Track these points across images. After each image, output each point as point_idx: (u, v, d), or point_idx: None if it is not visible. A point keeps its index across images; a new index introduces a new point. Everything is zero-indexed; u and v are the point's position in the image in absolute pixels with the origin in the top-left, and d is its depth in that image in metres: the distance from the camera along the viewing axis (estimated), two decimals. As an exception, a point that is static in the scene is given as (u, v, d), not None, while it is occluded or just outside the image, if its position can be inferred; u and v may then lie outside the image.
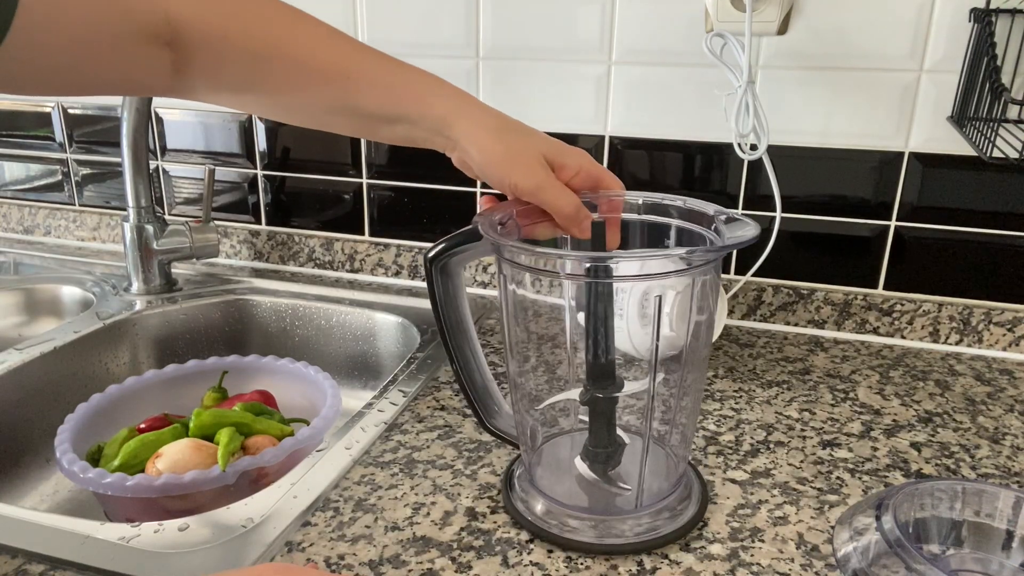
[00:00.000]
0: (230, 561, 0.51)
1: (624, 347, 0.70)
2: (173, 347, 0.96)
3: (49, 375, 0.82)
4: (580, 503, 0.56)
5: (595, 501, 0.57)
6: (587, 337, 0.53)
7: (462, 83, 0.95)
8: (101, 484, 0.63)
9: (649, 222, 0.58)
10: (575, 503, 0.56)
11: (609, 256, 0.51)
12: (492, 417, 0.61)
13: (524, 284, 0.55)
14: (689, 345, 0.54)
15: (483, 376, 0.60)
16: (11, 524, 0.54)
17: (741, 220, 0.52)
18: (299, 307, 0.98)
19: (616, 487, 0.56)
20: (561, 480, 0.58)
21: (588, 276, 0.51)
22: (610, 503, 0.56)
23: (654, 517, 0.54)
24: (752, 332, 0.91)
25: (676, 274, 0.50)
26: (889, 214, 0.87)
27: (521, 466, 0.60)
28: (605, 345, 0.53)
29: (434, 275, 0.56)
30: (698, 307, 0.53)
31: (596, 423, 0.56)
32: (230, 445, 0.67)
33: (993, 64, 0.68)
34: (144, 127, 0.93)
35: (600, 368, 0.53)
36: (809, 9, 0.82)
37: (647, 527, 0.54)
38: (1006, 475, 0.63)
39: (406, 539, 0.53)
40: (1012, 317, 0.86)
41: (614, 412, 0.55)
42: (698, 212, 0.55)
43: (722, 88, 0.84)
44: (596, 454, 0.56)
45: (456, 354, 0.58)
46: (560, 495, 0.56)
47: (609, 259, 0.50)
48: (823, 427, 0.69)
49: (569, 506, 0.55)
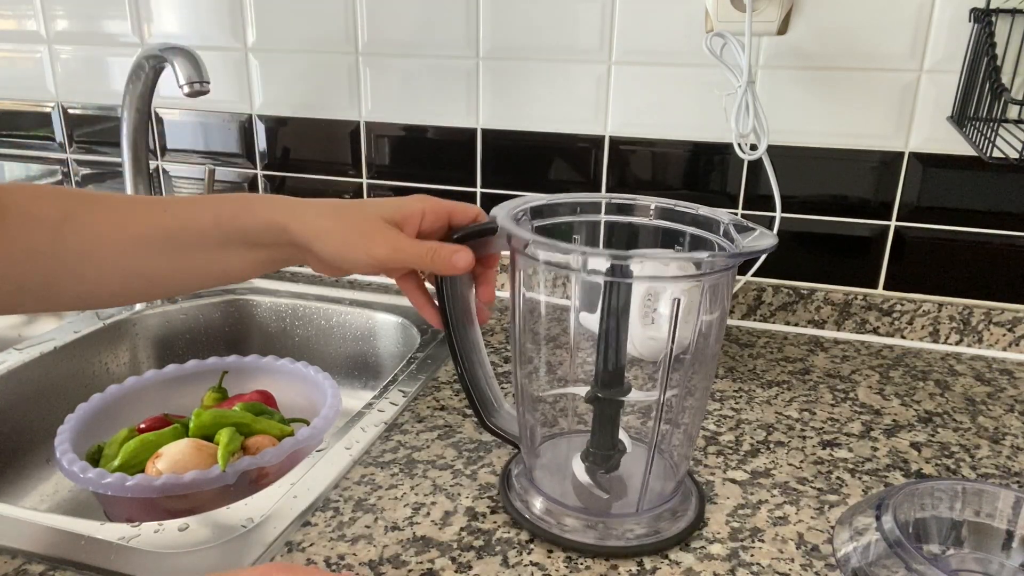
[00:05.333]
0: (230, 561, 0.51)
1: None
2: (173, 347, 0.96)
3: (49, 375, 0.82)
4: (577, 503, 0.56)
5: (593, 503, 0.56)
6: (599, 341, 0.52)
7: (462, 83, 0.96)
8: (101, 484, 0.63)
9: (663, 228, 0.57)
10: (573, 503, 0.56)
11: (629, 256, 0.50)
12: (492, 415, 0.60)
13: (538, 281, 0.54)
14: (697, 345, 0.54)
15: (485, 373, 0.60)
16: (11, 524, 0.54)
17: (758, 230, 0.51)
18: (299, 307, 0.98)
19: (602, 490, 0.56)
20: (559, 480, 0.58)
21: (606, 275, 0.50)
22: (605, 505, 0.56)
23: (653, 521, 0.54)
24: (752, 332, 0.91)
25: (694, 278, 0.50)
26: (889, 214, 0.87)
27: (520, 464, 0.60)
28: (616, 349, 0.52)
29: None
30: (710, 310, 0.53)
31: (599, 425, 0.55)
32: (230, 445, 0.67)
33: (993, 64, 0.68)
34: (144, 127, 0.93)
35: (609, 375, 0.53)
36: (809, 9, 0.82)
37: (646, 531, 0.54)
38: (1006, 475, 0.63)
39: (406, 539, 0.53)
40: (1012, 317, 0.86)
41: (618, 415, 0.55)
42: (712, 220, 0.55)
43: (722, 88, 0.84)
44: (596, 456, 0.56)
45: (460, 350, 0.58)
46: (558, 495, 0.56)
47: (629, 258, 0.49)
48: (823, 427, 0.69)
49: (567, 506, 0.55)
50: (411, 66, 0.97)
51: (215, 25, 1.03)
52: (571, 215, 0.58)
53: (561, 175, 0.96)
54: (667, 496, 0.56)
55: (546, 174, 0.97)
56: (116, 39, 1.08)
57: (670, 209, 0.57)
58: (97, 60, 1.10)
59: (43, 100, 1.16)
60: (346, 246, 0.51)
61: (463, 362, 0.59)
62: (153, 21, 1.06)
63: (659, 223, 0.57)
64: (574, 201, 0.58)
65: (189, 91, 0.82)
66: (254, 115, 1.06)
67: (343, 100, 1.01)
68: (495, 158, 0.98)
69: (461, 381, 0.59)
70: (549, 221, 0.57)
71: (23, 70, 1.14)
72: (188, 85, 0.81)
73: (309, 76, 1.02)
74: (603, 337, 0.52)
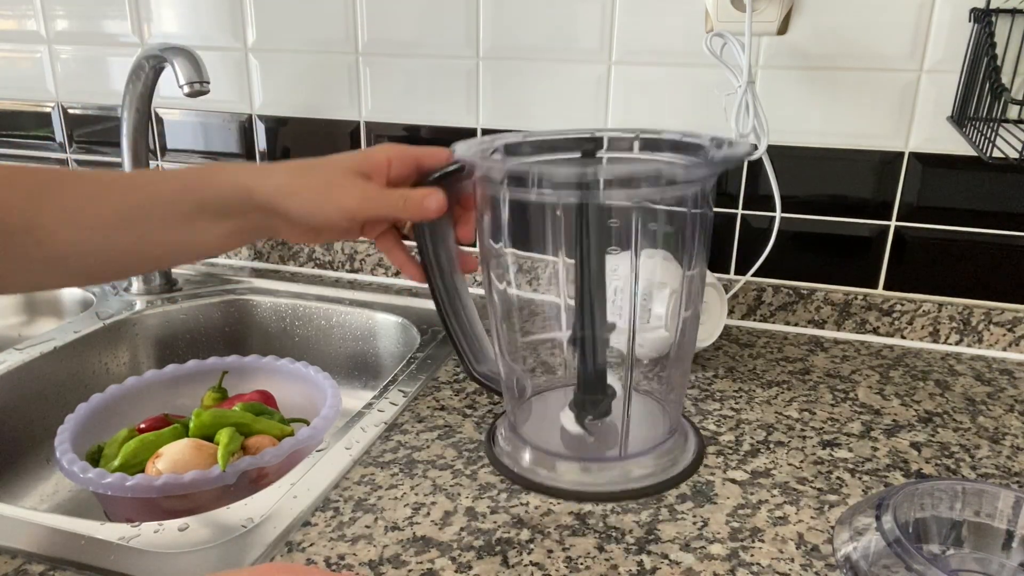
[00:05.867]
0: (230, 561, 0.51)
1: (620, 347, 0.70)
2: (173, 347, 0.96)
3: (49, 375, 0.82)
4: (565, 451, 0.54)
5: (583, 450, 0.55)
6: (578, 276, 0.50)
7: (462, 83, 0.96)
8: (101, 484, 0.63)
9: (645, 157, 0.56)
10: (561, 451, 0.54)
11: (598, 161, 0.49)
12: (480, 363, 0.59)
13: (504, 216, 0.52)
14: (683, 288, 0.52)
15: (470, 320, 0.58)
16: (11, 524, 0.54)
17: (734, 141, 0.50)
18: (299, 307, 0.98)
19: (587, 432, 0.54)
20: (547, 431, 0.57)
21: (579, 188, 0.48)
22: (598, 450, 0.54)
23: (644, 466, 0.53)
24: (752, 332, 0.91)
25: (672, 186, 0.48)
26: (889, 214, 0.87)
27: (505, 420, 0.59)
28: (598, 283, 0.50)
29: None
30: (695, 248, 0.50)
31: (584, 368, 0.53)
32: (230, 445, 0.67)
33: (993, 64, 0.68)
34: (144, 127, 0.93)
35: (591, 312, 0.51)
36: (809, 9, 0.82)
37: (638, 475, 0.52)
38: (1006, 475, 0.63)
39: (406, 539, 0.53)
40: (1012, 317, 0.86)
41: (604, 356, 0.53)
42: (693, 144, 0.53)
43: (722, 88, 0.84)
44: (584, 402, 0.54)
45: (443, 297, 0.57)
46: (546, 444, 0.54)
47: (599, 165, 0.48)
48: (823, 427, 0.69)
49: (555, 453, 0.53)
50: (411, 66, 0.97)
51: (215, 25, 1.03)
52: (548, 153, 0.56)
53: (561, 175, 0.96)
54: (660, 439, 0.54)
55: (546, 174, 0.97)
56: (116, 39, 1.08)
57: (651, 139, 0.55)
58: (97, 60, 1.10)
59: (43, 100, 1.16)
60: (314, 202, 0.50)
61: (447, 308, 0.57)
62: (153, 21, 1.06)
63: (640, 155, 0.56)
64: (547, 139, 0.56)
65: (189, 91, 0.82)
66: (254, 115, 1.06)
67: (343, 100, 1.01)
68: (495, 158, 0.98)
69: (445, 329, 0.58)
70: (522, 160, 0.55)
71: (23, 70, 1.14)
72: (188, 85, 0.82)
73: (309, 76, 1.02)
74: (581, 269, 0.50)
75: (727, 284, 0.92)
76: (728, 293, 0.91)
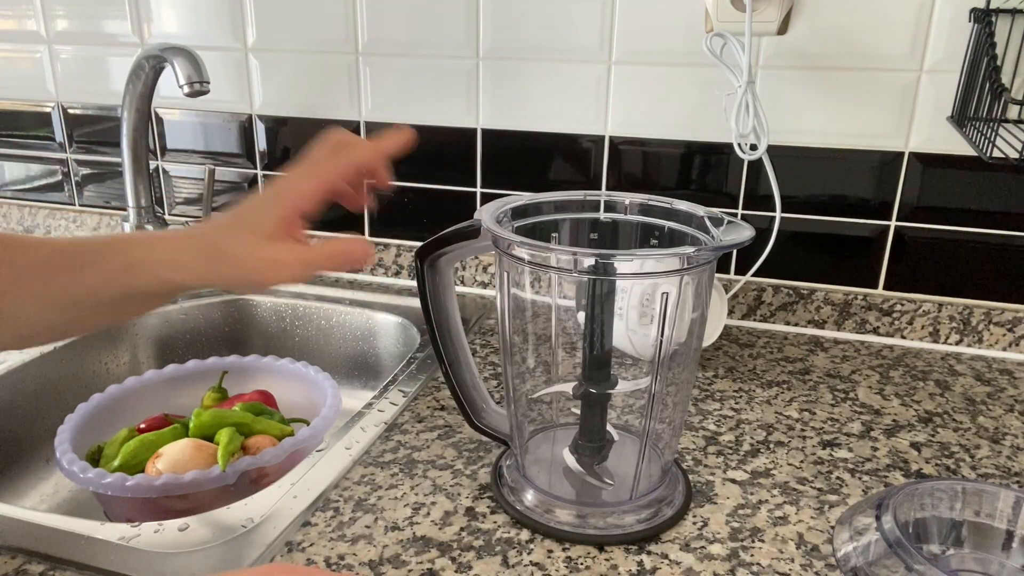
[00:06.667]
0: (230, 561, 0.51)
1: (623, 346, 0.70)
2: (173, 347, 0.96)
3: (49, 375, 0.82)
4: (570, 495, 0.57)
5: (587, 493, 0.58)
6: (585, 328, 0.53)
7: (462, 83, 0.96)
8: (101, 484, 0.63)
9: (642, 223, 0.59)
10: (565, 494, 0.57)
11: (612, 254, 0.51)
12: (480, 415, 0.62)
13: (523, 280, 0.55)
14: (684, 342, 0.55)
15: (471, 374, 0.61)
16: (11, 524, 0.54)
17: (736, 223, 0.53)
18: (299, 307, 0.98)
19: (602, 481, 0.57)
20: (549, 473, 0.60)
21: (591, 273, 0.51)
22: (596, 495, 0.57)
23: (640, 510, 0.55)
24: (752, 332, 0.91)
25: (677, 273, 0.51)
26: (889, 214, 0.87)
27: (510, 458, 0.61)
28: (601, 338, 0.53)
29: (424, 271, 0.57)
30: (693, 305, 0.54)
31: (588, 417, 0.56)
32: (230, 445, 0.67)
33: (993, 64, 0.68)
34: (144, 127, 0.93)
35: (596, 360, 0.54)
36: (809, 9, 0.82)
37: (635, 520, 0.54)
38: (1006, 475, 0.63)
39: (406, 539, 0.53)
40: (1012, 317, 0.86)
41: (606, 408, 0.56)
42: (689, 214, 0.56)
43: (722, 88, 0.84)
44: (585, 448, 0.57)
45: (446, 354, 0.59)
46: (549, 487, 0.57)
47: (612, 257, 0.51)
48: (823, 427, 0.69)
49: (560, 498, 0.56)
50: (411, 66, 0.97)
51: (215, 25, 1.03)
52: (554, 213, 0.59)
53: (561, 175, 0.96)
54: (655, 484, 0.57)
55: (546, 174, 0.97)
56: (116, 39, 1.08)
57: (647, 205, 0.58)
58: (97, 60, 1.10)
59: (43, 100, 1.16)
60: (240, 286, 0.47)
61: (449, 365, 0.60)
62: (153, 21, 1.06)
63: (638, 218, 0.59)
64: (554, 200, 0.59)
65: (189, 91, 0.82)
66: (254, 115, 1.06)
67: (343, 100, 1.01)
68: (495, 158, 0.98)
69: (448, 384, 0.61)
70: (532, 220, 0.58)
71: (23, 70, 1.14)
72: (188, 85, 0.82)
73: (309, 76, 1.02)
74: (589, 334, 0.53)
75: (727, 284, 0.92)
76: (728, 293, 0.91)
